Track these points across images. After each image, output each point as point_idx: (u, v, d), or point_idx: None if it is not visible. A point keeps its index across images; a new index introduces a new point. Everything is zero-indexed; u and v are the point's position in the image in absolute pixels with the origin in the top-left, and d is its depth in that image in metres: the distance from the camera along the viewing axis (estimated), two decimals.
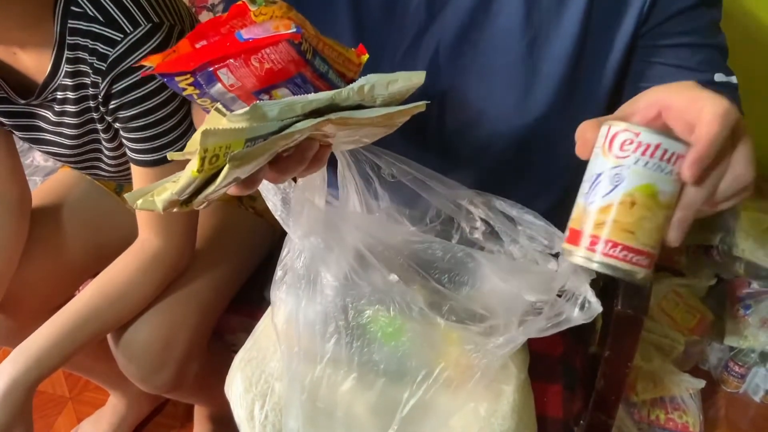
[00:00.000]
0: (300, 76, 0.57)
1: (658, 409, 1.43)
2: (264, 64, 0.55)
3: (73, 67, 0.93)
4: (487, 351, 0.73)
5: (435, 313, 0.75)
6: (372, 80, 0.57)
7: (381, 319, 0.76)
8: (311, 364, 0.78)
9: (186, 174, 0.52)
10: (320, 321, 0.76)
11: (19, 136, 1.10)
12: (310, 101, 0.54)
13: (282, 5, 0.57)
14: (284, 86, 0.57)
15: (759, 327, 1.50)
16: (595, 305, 0.71)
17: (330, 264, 0.74)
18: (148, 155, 0.97)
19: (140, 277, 1.03)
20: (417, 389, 0.75)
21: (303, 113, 0.55)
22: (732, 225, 1.50)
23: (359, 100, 0.58)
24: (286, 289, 0.79)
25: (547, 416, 0.93)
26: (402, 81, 0.59)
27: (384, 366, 0.78)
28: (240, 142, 0.51)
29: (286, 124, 0.54)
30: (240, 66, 0.55)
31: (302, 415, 0.79)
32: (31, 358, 0.95)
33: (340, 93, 0.56)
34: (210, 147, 0.50)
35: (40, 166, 1.72)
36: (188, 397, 1.32)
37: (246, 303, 1.19)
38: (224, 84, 0.56)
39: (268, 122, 0.53)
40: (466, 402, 0.78)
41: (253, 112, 0.51)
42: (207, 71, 0.55)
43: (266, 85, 0.56)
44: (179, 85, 0.56)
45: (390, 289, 0.74)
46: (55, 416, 1.61)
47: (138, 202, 0.56)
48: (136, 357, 1.06)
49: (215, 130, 0.49)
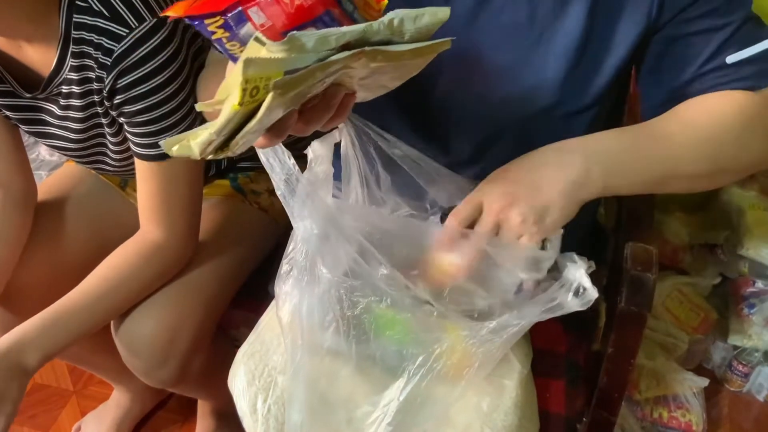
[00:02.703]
0: (328, 14, 0.56)
1: (661, 407, 1.42)
2: (294, 1, 0.54)
3: (78, 61, 0.93)
4: (482, 337, 0.73)
5: (430, 301, 0.75)
6: (400, 14, 0.57)
7: (375, 310, 0.76)
8: (314, 357, 0.79)
9: (226, 110, 0.52)
10: (319, 313, 0.76)
11: (25, 130, 1.10)
12: (344, 33, 0.54)
13: None
14: (312, 25, 0.56)
15: (763, 326, 1.49)
16: (590, 291, 0.71)
17: (326, 255, 0.74)
18: (153, 150, 0.97)
19: (141, 265, 1.03)
20: (413, 376, 0.76)
21: (337, 46, 0.54)
22: (737, 224, 1.49)
23: (389, 35, 0.58)
24: (291, 283, 0.79)
25: (549, 412, 0.93)
26: (429, 16, 0.59)
27: (381, 356, 0.78)
28: (279, 73, 0.51)
29: (322, 57, 0.54)
30: (271, 3, 0.54)
31: (306, 408, 0.79)
32: (26, 337, 0.95)
33: (371, 26, 0.55)
34: (251, 77, 0.49)
35: (46, 161, 1.72)
36: (191, 392, 1.32)
37: (249, 298, 1.19)
38: (254, 23, 0.55)
39: (305, 54, 0.52)
40: (467, 395, 0.78)
41: (291, 42, 0.51)
42: (238, 11, 0.54)
43: (295, 24, 0.56)
44: (208, 29, 0.55)
45: (386, 280, 0.74)
46: (59, 410, 1.62)
47: (174, 148, 0.56)
48: (139, 351, 1.07)
49: (256, 59, 0.49)
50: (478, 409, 0.79)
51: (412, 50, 0.58)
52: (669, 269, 1.63)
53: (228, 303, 1.18)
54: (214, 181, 1.25)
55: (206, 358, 1.15)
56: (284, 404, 0.83)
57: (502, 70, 0.81)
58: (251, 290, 1.20)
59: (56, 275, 1.16)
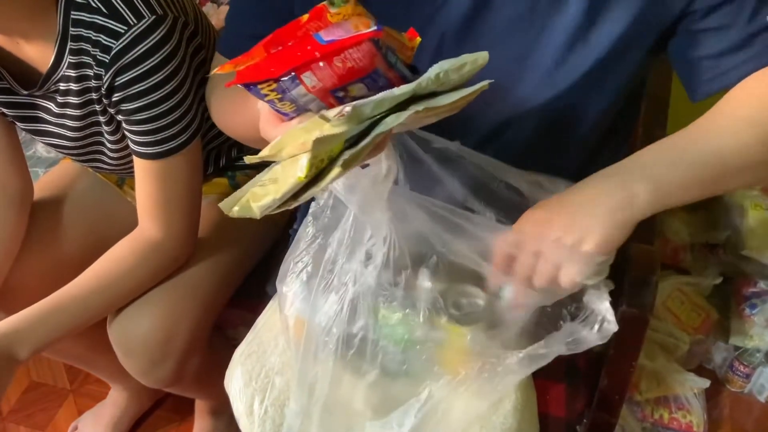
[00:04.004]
0: (376, 71, 0.58)
1: (662, 408, 1.42)
2: (347, 63, 0.56)
3: (76, 58, 0.93)
4: (507, 366, 0.72)
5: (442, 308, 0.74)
6: (445, 66, 0.59)
7: (391, 318, 0.75)
8: (317, 361, 0.78)
9: (290, 180, 0.56)
10: (331, 317, 0.76)
11: (22, 128, 1.10)
12: (396, 96, 0.57)
13: (352, 2, 0.59)
14: (360, 82, 0.58)
15: (764, 326, 1.49)
16: (611, 326, 0.70)
17: (353, 258, 0.73)
18: (151, 148, 0.96)
19: (137, 262, 1.02)
20: (433, 396, 0.75)
21: (389, 108, 0.57)
22: (739, 223, 1.49)
23: (435, 88, 0.60)
24: (300, 284, 0.78)
25: (549, 415, 0.93)
26: (470, 64, 0.61)
27: (390, 365, 0.77)
28: (341, 144, 0.55)
29: (375, 121, 0.57)
30: (324, 68, 0.56)
31: (305, 412, 0.78)
32: (18, 327, 0.95)
33: (420, 84, 0.58)
34: (318, 153, 0.53)
35: (42, 158, 1.72)
36: (189, 391, 1.32)
37: (247, 297, 1.19)
38: (307, 86, 0.57)
39: (364, 122, 0.56)
40: (467, 400, 0.78)
41: (353, 116, 0.54)
42: (291, 76, 0.56)
43: (345, 82, 0.58)
44: (261, 92, 0.57)
45: (399, 286, 0.73)
46: (55, 409, 1.61)
47: (234, 209, 0.60)
48: (136, 351, 1.06)
49: (324, 138, 0.53)
50: (478, 411, 0.79)
51: (455, 101, 0.60)
52: (670, 269, 1.63)
53: (225, 302, 1.17)
54: (213, 180, 1.25)
55: (203, 358, 1.14)
56: (281, 406, 0.83)
57: (505, 64, 0.81)
58: (249, 289, 1.19)
59: (52, 273, 1.15)
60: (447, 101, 0.59)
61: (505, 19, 0.79)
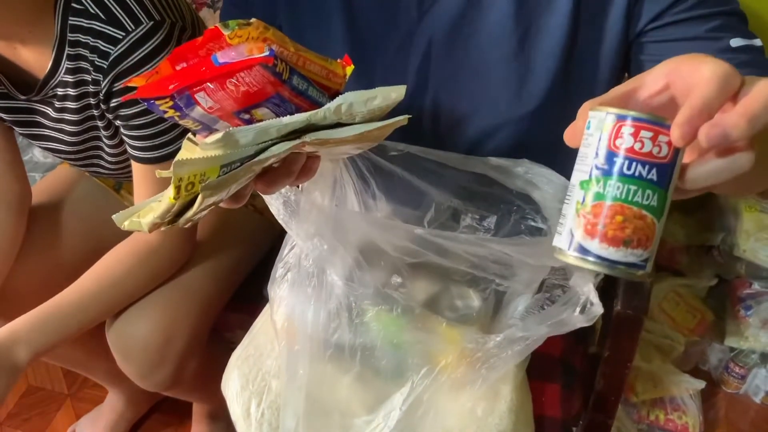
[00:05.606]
0: (278, 96, 0.57)
1: (658, 409, 1.43)
2: (240, 87, 0.55)
3: (74, 64, 0.93)
4: (487, 350, 0.72)
5: (436, 311, 0.74)
6: (349, 99, 0.57)
7: (383, 319, 0.76)
8: (311, 363, 0.78)
9: (164, 200, 0.54)
10: (322, 320, 0.76)
11: (19, 132, 1.10)
12: (286, 125, 0.55)
13: (258, 25, 0.57)
14: (264, 106, 0.57)
15: (760, 328, 1.49)
16: (596, 307, 0.70)
17: (335, 264, 0.74)
18: (150, 153, 0.97)
19: (135, 265, 1.03)
20: (416, 387, 0.75)
21: (279, 136, 0.55)
22: (733, 225, 1.49)
23: (337, 120, 0.58)
24: (287, 287, 0.79)
25: (545, 416, 0.93)
26: (381, 97, 0.59)
27: (384, 365, 0.78)
28: (215, 168, 0.53)
29: (263, 148, 0.54)
30: (216, 89, 0.55)
31: (300, 414, 0.79)
32: (18, 333, 0.95)
33: (316, 114, 0.56)
34: (184, 176, 0.51)
35: (40, 163, 1.72)
36: (186, 395, 1.32)
37: (244, 300, 1.19)
38: (203, 107, 0.56)
39: (243, 148, 0.54)
40: (461, 400, 0.78)
41: (226, 139, 0.52)
42: (185, 95, 0.55)
43: (245, 105, 0.57)
44: (160, 108, 0.56)
45: (393, 289, 0.73)
46: (53, 413, 1.61)
47: (125, 223, 0.58)
48: (134, 354, 1.06)
49: (187, 160, 0.50)
50: (473, 413, 0.79)
51: (360, 134, 0.58)
52: (665, 270, 1.63)
53: (223, 305, 1.17)
54: None
55: (201, 361, 1.14)
56: (278, 409, 0.83)
57: (490, 68, 0.81)
58: (247, 293, 1.19)
59: (50, 278, 1.16)
60: (346, 134, 0.58)
61: (491, 22, 0.79)
